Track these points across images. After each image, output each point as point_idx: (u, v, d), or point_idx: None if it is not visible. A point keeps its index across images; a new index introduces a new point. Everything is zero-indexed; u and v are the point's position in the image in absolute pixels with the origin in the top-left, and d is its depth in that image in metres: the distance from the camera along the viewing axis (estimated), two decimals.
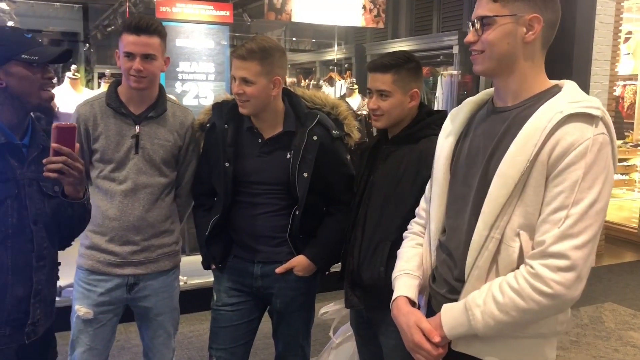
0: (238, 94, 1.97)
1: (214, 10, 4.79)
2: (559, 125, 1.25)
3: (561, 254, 1.23)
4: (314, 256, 2.10)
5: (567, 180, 1.23)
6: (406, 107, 1.93)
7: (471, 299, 1.34)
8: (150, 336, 2.27)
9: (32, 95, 1.57)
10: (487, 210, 1.32)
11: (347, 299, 2.03)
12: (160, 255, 2.18)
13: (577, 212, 1.22)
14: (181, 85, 4.75)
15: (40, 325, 1.66)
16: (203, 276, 4.30)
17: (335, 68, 8.00)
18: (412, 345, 1.41)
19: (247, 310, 2.18)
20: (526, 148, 1.27)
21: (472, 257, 1.35)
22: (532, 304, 1.25)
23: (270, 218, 2.08)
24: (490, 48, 1.35)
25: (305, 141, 2.03)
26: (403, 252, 1.65)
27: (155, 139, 2.12)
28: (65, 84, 4.56)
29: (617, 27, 5.59)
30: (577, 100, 1.28)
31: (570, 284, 1.23)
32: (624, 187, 7.85)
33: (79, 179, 1.56)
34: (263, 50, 1.94)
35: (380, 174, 1.95)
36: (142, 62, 2.00)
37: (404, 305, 1.49)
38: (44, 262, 1.63)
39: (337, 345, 2.51)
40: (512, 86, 1.38)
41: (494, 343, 1.36)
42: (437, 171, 1.54)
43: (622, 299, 4.66)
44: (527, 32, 1.33)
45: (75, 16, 8.64)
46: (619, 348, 3.75)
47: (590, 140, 1.23)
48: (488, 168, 1.36)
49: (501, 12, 1.32)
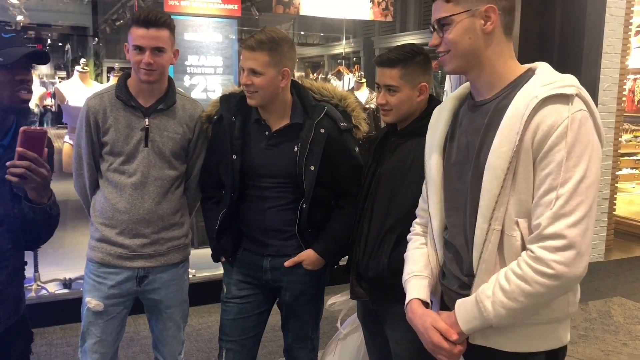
0: (246, 85, 1.97)
1: (222, 3, 4.78)
2: (536, 110, 1.28)
3: (557, 234, 1.25)
4: (323, 250, 2.11)
5: (552, 162, 1.26)
6: (415, 102, 1.92)
7: (481, 291, 1.35)
8: (160, 328, 2.28)
9: (3, 97, 1.57)
10: (484, 204, 1.34)
11: (353, 290, 2.04)
12: (170, 248, 2.20)
13: (567, 191, 1.25)
14: (189, 78, 4.76)
15: (1, 323, 1.67)
16: (212, 269, 4.33)
17: (344, 62, 7.98)
18: (432, 346, 1.43)
19: (257, 303, 2.20)
20: (509, 137, 1.30)
21: (477, 252, 1.37)
22: (537, 287, 1.27)
23: (279, 212, 2.09)
24: (454, 47, 1.39)
25: (313, 134, 2.03)
26: (409, 255, 1.66)
27: (165, 131, 2.12)
28: (74, 78, 4.59)
29: (628, 20, 5.53)
30: (549, 82, 1.31)
31: (571, 262, 1.25)
32: (634, 182, 7.79)
33: (42, 184, 1.56)
34: (272, 41, 1.95)
35: (388, 167, 1.95)
36: (152, 55, 2.00)
37: (418, 308, 1.50)
38: (6, 263, 1.63)
39: (344, 336, 2.52)
40: (485, 78, 1.41)
41: (510, 333, 1.38)
42: (431, 170, 1.56)
43: (631, 294, 4.64)
44: (485, 24, 1.36)
45: (85, 10, 8.67)
46: (627, 342, 3.74)
47: (569, 119, 1.25)
48: (478, 162, 1.38)
49: (456, 10, 1.36)
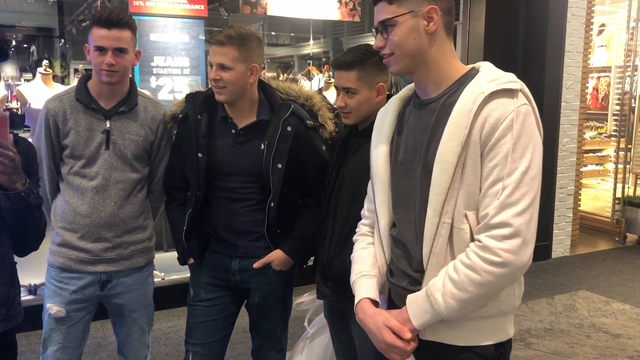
0: (215, 80, 1.97)
1: (189, 4, 4.75)
2: (483, 105, 1.31)
3: (504, 222, 1.28)
4: (291, 250, 2.11)
5: (499, 154, 1.30)
6: (374, 102, 1.93)
7: (431, 284, 1.37)
8: (124, 333, 2.26)
9: None
10: (434, 198, 1.36)
11: (319, 290, 2.05)
12: (134, 252, 2.17)
13: (513, 182, 1.28)
14: (156, 79, 4.71)
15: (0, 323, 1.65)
16: (181, 272, 4.29)
17: (313, 62, 7.99)
18: (384, 345, 1.43)
19: (225, 305, 2.19)
20: (458, 132, 1.33)
21: (427, 246, 1.39)
22: (486, 276, 1.30)
23: (247, 212, 2.08)
24: (398, 48, 1.41)
25: (280, 131, 2.04)
26: (356, 256, 1.67)
27: (127, 134, 2.10)
28: (36, 80, 4.50)
29: (589, 20, 5.67)
30: (494, 78, 1.35)
31: (517, 250, 1.28)
32: (599, 178, 7.98)
33: (10, 167, 1.56)
34: (241, 37, 1.96)
35: (350, 167, 1.96)
36: (113, 56, 1.98)
37: (369, 308, 1.51)
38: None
39: (312, 336, 2.53)
40: (431, 77, 1.44)
41: (460, 327, 1.39)
42: (377, 169, 1.57)
43: (595, 287, 4.76)
44: (428, 24, 1.39)
45: (50, 11, 8.50)
46: (591, 334, 3.83)
47: (514, 112, 1.30)
48: (427, 159, 1.40)
49: (399, 12, 1.38)
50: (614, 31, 8.02)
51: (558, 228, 5.60)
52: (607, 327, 3.95)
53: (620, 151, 6.32)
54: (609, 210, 6.48)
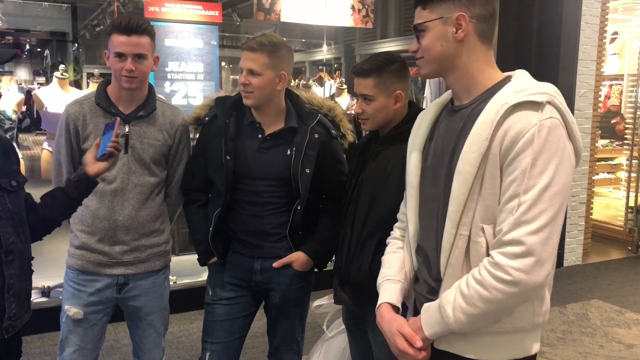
0: (243, 85, 2.03)
1: (203, 10, 4.79)
2: (505, 116, 1.28)
3: (516, 240, 1.25)
4: (312, 252, 2.15)
5: (518, 169, 1.26)
6: (391, 110, 1.94)
7: (444, 296, 1.36)
8: (140, 335, 2.27)
9: None
10: (452, 209, 1.35)
11: (336, 295, 2.06)
12: (151, 255, 2.19)
13: (530, 198, 1.24)
14: (170, 85, 4.75)
15: (18, 319, 1.67)
16: (192, 276, 4.32)
17: (325, 68, 8.02)
18: (397, 351, 1.44)
19: (243, 305, 2.21)
20: (479, 143, 1.30)
21: (444, 256, 1.38)
22: (495, 293, 1.27)
23: (271, 215, 2.12)
24: (426, 53, 1.42)
25: (308, 138, 2.09)
26: (385, 259, 1.68)
27: (145, 138, 2.12)
28: (53, 84, 4.54)
29: (603, 28, 5.65)
30: (522, 89, 1.31)
31: (529, 269, 1.24)
32: (610, 186, 7.93)
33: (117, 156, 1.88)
34: (272, 45, 2.01)
35: (370, 173, 1.97)
36: (133, 62, 2.00)
37: (386, 312, 1.51)
38: (12, 257, 1.62)
39: (330, 338, 2.54)
40: (462, 83, 1.43)
41: (473, 340, 1.38)
42: (410, 174, 1.57)
43: (608, 296, 4.73)
44: (456, 31, 1.38)
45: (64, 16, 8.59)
46: (604, 344, 3.81)
47: (537, 126, 1.25)
48: (451, 167, 1.39)
49: (430, 17, 1.40)
50: (627, 39, 7.99)
51: (570, 236, 5.58)
52: (620, 337, 3.92)
53: (633, 159, 6.28)
54: (621, 219, 6.44)
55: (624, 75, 8.03)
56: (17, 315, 1.66)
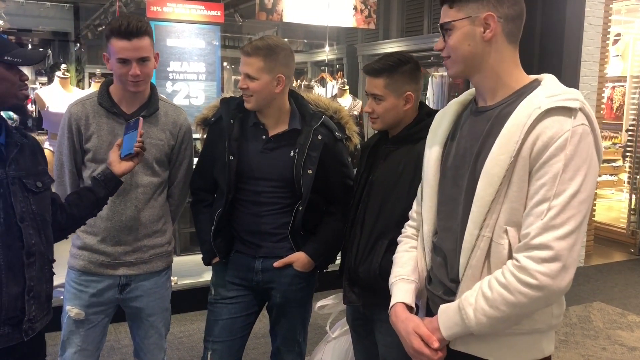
0: (242, 89, 2.05)
1: (205, 10, 4.78)
2: (538, 121, 1.28)
3: (544, 245, 1.24)
4: (314, 253, 2.15)
5: (548, 173, 1.25)
6: (401, 110, 1.93)
7: (464, 298, 1.35)
8: (141, 336, 2.26)
9: (10, 96, 1.61)
10: (476, 210, 1.34)
11: (346, 295, 2.05)
12: (153, 256, 2.18)
13: (559, 204, 1.24)
14: (172, 85, 4.74)
15: (37, 321, 1.66)
16: (193, 276, 4.32)
17: (327, 69, 8.01)
18: (413, 351, 1.43)
19: (246, 304, 2.22)
20: (509, 146, 1.29)
21: (465, 257, 1.37)
22: (520, 297, 1.26)
23: (273, 215, 2.13)
24: (454, 52, 1.40)
25: (311, 140, 2.10)
26: (398, 257, 1.66)
27: (148, 138, 2.11)
28: (55, 84, 4.54)
29: (606, 29, 5.64)
30: (555, 94, 1.31)
31: (555, 275, 1.24)
32: (613, 188, 7.91)
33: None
34: (268, 48, 2.01)
35: (380, 174, 1.97)
36: (138, 66, 1.99)
37: (402, 312, 1.50)
38: (33, 259, 1.62)
39: (333, 339, 2.53)
40: (488, 84, 1.41)
41: (491, 341, 1.37)
42: (427, 173, 1.56)
43: (611, 299, 4.71)
44: (484, 31, 1.36)
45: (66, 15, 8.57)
46: (607, 347, 3.79)
47: (570, 132, 1.25)
48: (475, 168, 1.38)
49: (457, 16, 1.38)
50: (629, 41, 7.97)
51: None
52: (623, 340, 3.91)
53: (635, 162, 6.26)
54: (623, 221, 6.42)
55: (627, 77, 8.01)
56: (36, 317, 1.65)
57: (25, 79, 1.64)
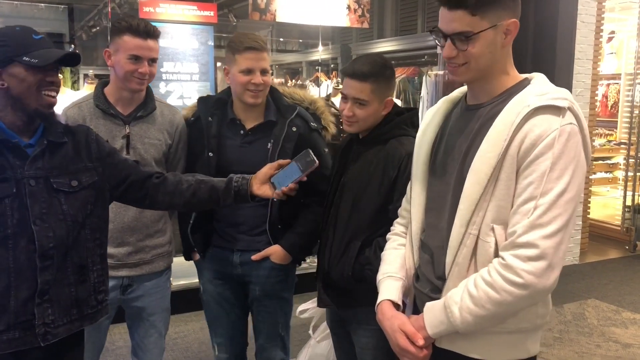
0: (256, 85, 2.12)
1: (198, 10, 4.77)
2: (526, 119, 1.27)
3: (530, 243, 1.24)
4: (289, 246, 2.18)
5: (535, 172, 1.25)
6: (380, 115, 1.92)
7: (449, 296, 1.35)
8: (141, 335, 2.28)
9: (30, 98, 1.54)
10: (463, 207, 1.34)
11: (320, 298, 2.05)
12: (155, 256, 2.21)
13: (546, 202, 1.24)
14: (165, 85, 4.73)
15: (59, 326, 1.58)
16: (188, 277, 4.29)
17: (321, 68, 8.01)
18: (398, 349, 1.43)
19: (232, 297, 2.28)
20: (497, 143, 1.29)
21: (451, 255, 1.37)
22: (505, 295, 1.26)
23: (250, 208, 2.14)
24: (474, 60, 1.35)
25: (285, 131, 2.14)
26: (386, 255, 1.66)
27: (146, 138, 2.14)
28: None
29: (599, 27, 5.65)
30: (544, 92, 1.30)
31: (541, 273, 1.24)
32: (608, 185, 7.93)
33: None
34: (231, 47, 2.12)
35: (351, 175, 1.95)
36: (148, 65, 2.06)
37: (388, 310, 1.50)
38: (49, 262, 1.54)
39: (315, 342, 2.55)
40: (485, 84, 1.41)
41: (476, 339, 1.37)
42: (416, 170, 1.55)
43: (605, 296, 4.72)
44: (505, 37, 1.35)
45: (61, 17, 8.55)
46: (601, 344, 3.80)
47: (558, 131, 1.25)
48: (463, 166, 1.37)
49: (482, 25, 1.31)
50: (624, 38, 7.99)
51: None
52: (617, 337, 3.91)
53: (630, 159, 6.28)
54: (618, 219, 6.44)
55: (622, 74, 8.03)
56: (55, 322, 1.57)
57: (52, 81, 1.55)
